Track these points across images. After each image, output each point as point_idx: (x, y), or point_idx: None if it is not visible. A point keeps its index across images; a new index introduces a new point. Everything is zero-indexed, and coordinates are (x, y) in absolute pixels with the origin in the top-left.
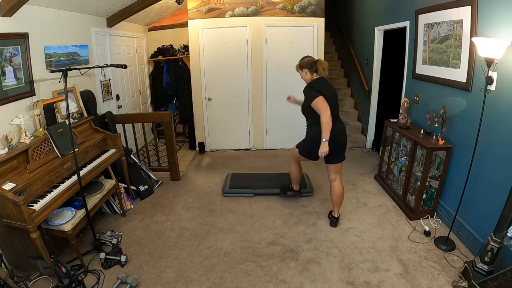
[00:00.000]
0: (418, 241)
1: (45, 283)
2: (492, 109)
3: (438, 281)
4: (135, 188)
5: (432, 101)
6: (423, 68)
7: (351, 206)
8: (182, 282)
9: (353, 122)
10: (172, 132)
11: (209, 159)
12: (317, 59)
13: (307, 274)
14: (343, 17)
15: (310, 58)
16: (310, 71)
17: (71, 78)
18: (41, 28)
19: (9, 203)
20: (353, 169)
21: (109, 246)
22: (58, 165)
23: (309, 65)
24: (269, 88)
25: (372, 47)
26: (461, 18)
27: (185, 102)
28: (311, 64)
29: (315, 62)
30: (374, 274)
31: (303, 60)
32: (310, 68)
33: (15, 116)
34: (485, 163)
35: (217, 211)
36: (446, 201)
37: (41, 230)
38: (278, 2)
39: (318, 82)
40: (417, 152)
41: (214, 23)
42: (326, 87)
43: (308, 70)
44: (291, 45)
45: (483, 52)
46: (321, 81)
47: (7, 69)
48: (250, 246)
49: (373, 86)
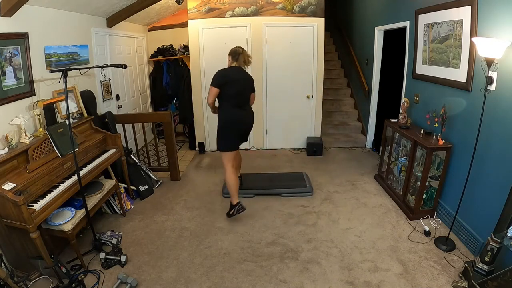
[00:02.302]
0: (418, 241)
1: (45, 283)
2: (492, 109)
3: (438, 281)
4: (135, 188)
5: (432, 101)
6: (423, 68)
7: (351, 206)
8: (182, 282)
9: (353, 122)
10: (172, 132)
11: (209, 159)
12: (243, 51)
13: (307, 274)
14: (343, 17)
15: (239, 48)
16: (232, 59)
17: (71, 78)
18: (41, 28)
19: (9, 203)
20: (353, 169)
21: (109, 246)
22: (58, 165)
23: (233, 53)
24: (269, 88)
25: (372, 47)
26: (461, 18)
27: (185, 102)
28: (236, 53)
29: (240, 53)
30: (374, 274)
31: (232, 48)
32: (233, 56)
33: (15, 116)
34: (485, 163)
35: (217, 211)
36: (446, 201)
37: (41, 230)
38: (278, 2)
39: (224, 70)
40: (417, 152)
41: (214, 23)
42: (231, 75)
43: (230, 58)
44: (291, 45)
45: (483, 52)
46: (230, 69)
47: (7, 69)
48: (250, 246)
49: (373, 86)
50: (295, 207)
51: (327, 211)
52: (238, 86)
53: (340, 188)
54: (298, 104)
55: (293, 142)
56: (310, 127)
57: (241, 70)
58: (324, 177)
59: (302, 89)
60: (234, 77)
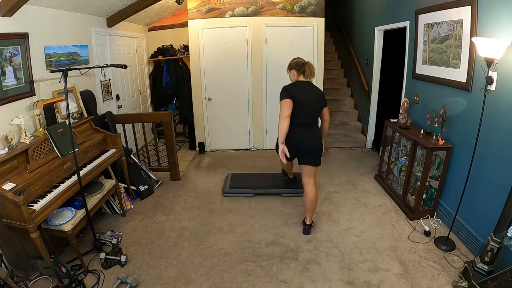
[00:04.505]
0: (418, 241)
1: (45, 283)
2: (492, 109)
3: (438, 281)
4: (135, 188)
5: (432, 101)
6: (423, 68)
7: (351, 206)
8: (182, 282)
9: (353, 122)
10: (172, 132)
11: (209, 159)
12: (306, 61)
13: (307, 274)
14: (343, 17)
15: (300, 59)
16: (297, 73)
17: (71, 78)
18: (41, 28)
19: (9, 203)
20: (353, 169)
21: (109, 246)
22: (58, 165)
23: (297, 67)
24: (269, 88)
25: (372, 47)
26: (461, 18)
27: (185, 102)
28: (299, 65)
29: (303, 64)
30: (374, 274)
31: (292, 61)
32: (298, 69)
33: (15, 116)
34: (485, 163)
35: (217, 211)
36: (446, 201)
37: (41, 230)
38: (278, 2)
39: (294, 85)
40: (417, 152)
41: (214, 23)
42: (300, 92)
43: (296, 71)
44: (291, 45)
45: (483, 52)
46: (300, 84)
47: (7, 69)
48: (250, 246)
49: (373, 86)
50: (295, 207)
51: (327, 211)
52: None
53: (340, 188)
54: None
55: None
56: None
57: (310, 84)
58: (324, 177)
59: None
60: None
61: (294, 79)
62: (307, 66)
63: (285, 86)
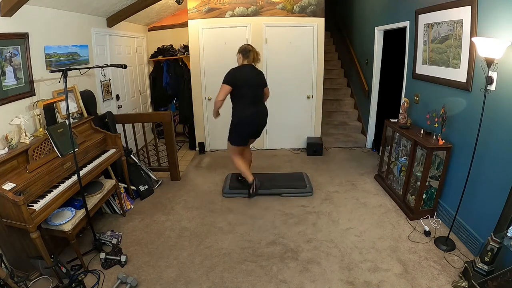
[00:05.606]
0: (418, 241)
1: (45, 283)
2: (492, 109)
3: (438, 281)
4: (135, 188)
5: (432, 101)
6: (423, 68)
7: (351, 206)
8: (182, 282)
9: (353, 122)
10: (172, 132)
11: (209, 159)
12: (252, 49)
13: (307, 274)
14: (343, 17)
15: (248, 46)
16: (243, 57)
17: (71, 78)
18: (41, 28)
19: (9, 203)
20: (353, 169)
21: (109, 246)
22: (58, 165)
23: (244, 52)
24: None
25: (372, 47)
26: (461, 18)
27: (185, 102)
28: (246, 51)
29: (250, 51)
30: (374, 274)
31: (241, 46)
32: (244, 54)
33: (15, 116)
34: (485, 163)
35: (217, 211)
36: (446, 201)
37: (41, 230)
38: (278, 2)
39: (240, 68)
40: (417, 152)
41: (214, 23)
42: (245, 73)
43: (242, 55)
44: (291, 45)
45: (483, 52)
46: (244, 67)
47: (7, 69)
48: (250, 246)
49: (373, 86)
50: (295, 207)
51: (327, 211)
52: (252, 84)
53: (340, 188)
54: (298, 104)
55: (293, 142)
56: (310, 127)
57: (253, 67)
58: (324, 177)
59: (302, 89)
60: (247, 75)
61: (240, 62)
62: (252, 52)
63: (232, 68)
